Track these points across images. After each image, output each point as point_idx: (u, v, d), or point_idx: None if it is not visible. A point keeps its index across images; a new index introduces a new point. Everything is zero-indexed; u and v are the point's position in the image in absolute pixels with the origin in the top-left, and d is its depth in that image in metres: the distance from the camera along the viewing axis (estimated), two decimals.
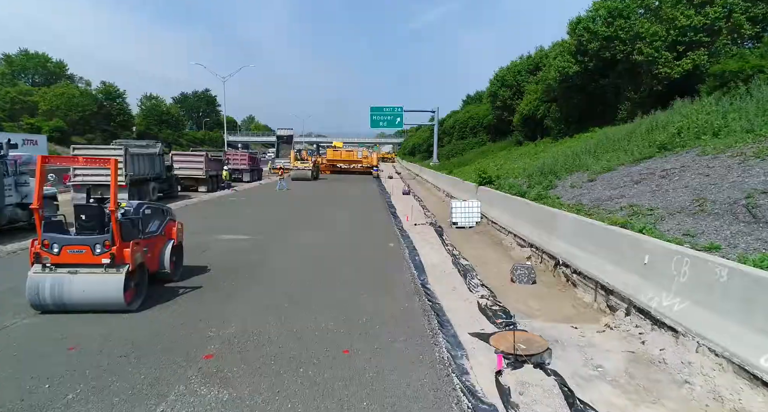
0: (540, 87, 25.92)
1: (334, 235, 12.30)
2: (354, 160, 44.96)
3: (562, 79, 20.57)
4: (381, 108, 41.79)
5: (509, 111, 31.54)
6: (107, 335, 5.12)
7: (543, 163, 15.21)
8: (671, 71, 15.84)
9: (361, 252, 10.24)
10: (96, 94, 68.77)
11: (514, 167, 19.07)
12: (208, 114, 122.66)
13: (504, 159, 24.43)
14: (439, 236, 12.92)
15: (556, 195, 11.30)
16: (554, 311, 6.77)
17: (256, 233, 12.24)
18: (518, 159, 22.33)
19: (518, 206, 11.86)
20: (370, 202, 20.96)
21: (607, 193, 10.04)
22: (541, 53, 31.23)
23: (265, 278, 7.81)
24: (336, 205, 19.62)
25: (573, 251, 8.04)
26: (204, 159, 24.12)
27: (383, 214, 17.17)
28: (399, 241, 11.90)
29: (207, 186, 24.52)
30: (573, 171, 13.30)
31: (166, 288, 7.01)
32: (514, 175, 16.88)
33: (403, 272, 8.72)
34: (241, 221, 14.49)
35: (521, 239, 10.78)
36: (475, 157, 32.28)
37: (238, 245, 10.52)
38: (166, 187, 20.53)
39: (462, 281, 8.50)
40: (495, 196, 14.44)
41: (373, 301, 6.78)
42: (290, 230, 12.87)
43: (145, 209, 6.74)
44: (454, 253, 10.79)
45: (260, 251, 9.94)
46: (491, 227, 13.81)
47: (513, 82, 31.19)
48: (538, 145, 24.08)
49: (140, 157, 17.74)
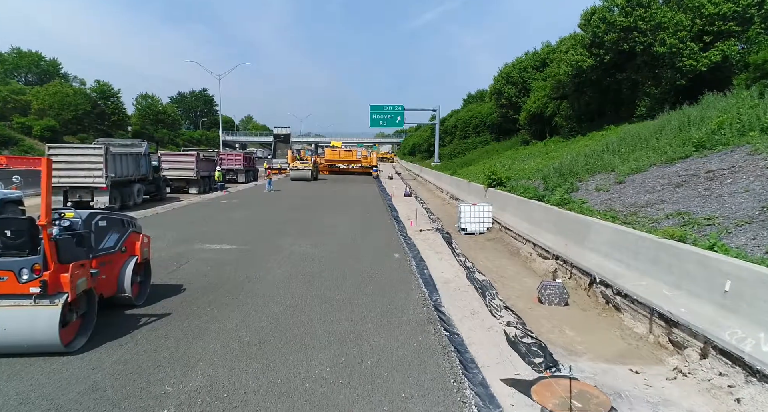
0: (548, 83, 24.71)
1: (332, 243, 11.05)
2: (353, 160, 43.70)
3: (575, 74, 19.35)
4: (381, 106, 40.54)
5: (515, 109, 30.33)
6: (24, 394, 3.85)
7: (560, 164, 13.98)
8: (697, 63, 14.63)
9: (363, 265, 8.99)
10: (90, 93, 67.31)
11: (525, 168, 17.85)
12: (206, 114, 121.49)
13: (511, 159, 23.20)
14: (448, 245, 11.68)
15: (580, 199, 10.07)
16: (600, 344, 5.52)
17: (246, 241, 10.98)
18: (527, 159, 21.11)
19: (537, 211, 10.63)
20: (370, 205, 19.71)
21: (643, 198, 8.80)
22: (547, 49, 30.04)
23: (249, 301, 6.54)
24: (334, 208, 18.37)
25: (613, 267, 6.80)
26: (195, 159, 22.85)
27: (385, 218, 15.92)
28: (404, 250, 10.66)
29: (198, 187, 23.25)
30: (595, 172, 12.08)
31: (125, 317, 5.75)
32: (527, 177, 15.65)
33: (412, 290, 7.47)
34: (230, 226, 13.23)
35: (543, 249, 9.54)
36: (479, 157, 31.06)
37: (223, 257, 9.26)
38: (153, 189, 19.25)
39: (480, 300, 7.27)
40: (508, 200, 13.20)
41: (379, 333, 5.53)
42: (284, 237, 11.62)
43: (98, 221, 5.48)
44: (467, 265, 9.55)
45: (248, 265, 8.68)
46: (505, 234, 12.57)
47: (519, 79, 29.98)
48: (548, 145, 22.85)
49: (123, 157, 16.47)
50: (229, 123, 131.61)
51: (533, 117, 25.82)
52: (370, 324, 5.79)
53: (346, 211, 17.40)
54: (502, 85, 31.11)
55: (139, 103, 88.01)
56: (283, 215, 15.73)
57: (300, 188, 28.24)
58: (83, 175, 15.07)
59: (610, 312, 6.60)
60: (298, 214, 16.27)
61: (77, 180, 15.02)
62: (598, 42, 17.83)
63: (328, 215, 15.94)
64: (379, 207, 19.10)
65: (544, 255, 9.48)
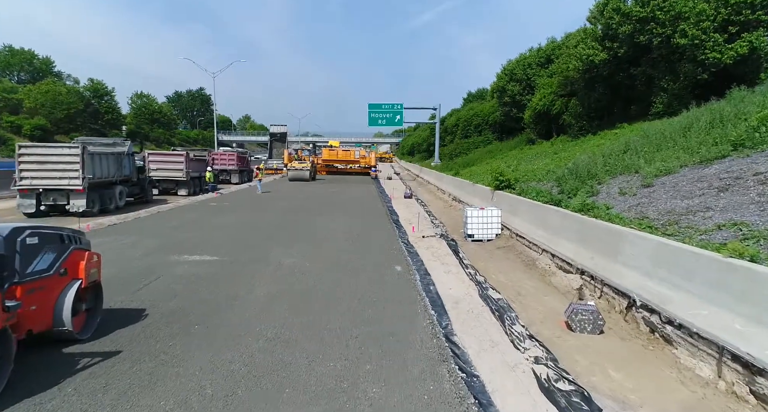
0: (555, 80, 23.62)
1: (326, 253, 9.93)
2: (351, 160, 42.55)
3: (585, 69, 18.25)
4: (380, 105, 39.41)
5: (518, 107, 29.25)
6: None
7: (574, 165, 12.88)
8: (722, 56, 13.54)
9: (361, 281, 7.86)
10: (83, 91, 65.98)
11: (533, 169, 16.76)
12: (203, 113, 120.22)
13: (516, 159, 22.09)
14: (455, 254, 10.56)
15: (604, 204, 8.96)
16: (658, 392, 4.41)
17: (230, 251, 9.84)
18: (534, 159, 20.01)
19: (555, 217, 9.52)
20: (369, 208, 18.59)
21: (680, 204, 7.70)
22: (553, 45, 28.97)
23: (221, 333, 5.41)
24: (331, 211, 17.24)
25: (658, 289, 5.70)
26: (184, 159, 21.69)
27: (384, 222, 14.79)
28: (406, 261, 9.54)
29: (188, 189, 22.10)
30: (616, 174, 10.98)
31: (59, 357, 4.62)
32: (537, 178, 14.55)
33: (418, 315, 6.36)
34: (216, 232, 12.09)
35: (564, 262, 8.43)
36: (481, 157, 29.97)
37: (200, 271, 8.12)
38: (137, 191, 18.09)
39: (498, 326, 6.16)
40: (518, 204, 12.10)
41: (379, 379, 4.41)
42: (273, 245, 10.49)
43: (26, 238, 4.34)
44: (479, 279, 8.44)
45: (227, 281, 7.55)
46: (516, 241, 11.46)
47: (523, 76, 28.89)
48: (555, 144, 21.76)
49: (103, 157, 15.30)
50: (226, 123, 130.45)
51: (539, 115, 24.72)
52: (368, 365, 4.66)
53: (342, 214, 16.27)
54: (505, 83, 30.01)
55: (134, 102, 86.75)
56: (276, 220, 14.59)
57: (295, 190, 27.10)
58: (58, 176, 13.90)
59: (657, 344, 5.49)
60: (292, 218, 15.13)
61: (51, 182, 13.85)
62: (611, 34, 16.75)
63: (323, 220, 14.82)
64: (378, 210, 17.98)
65: (565, 268, 8.37)
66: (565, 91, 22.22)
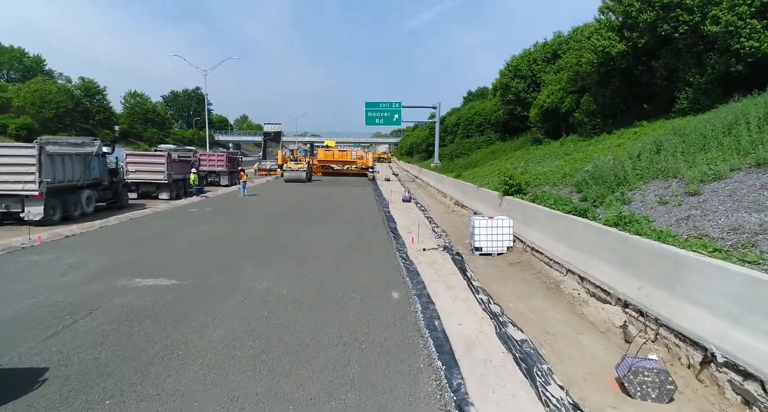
0: (564, 75, 22.07)
1: (310, 274, 8.35)
2: (347, 160, 40.97)
3: (601, 62, 16.70)
4: (377, 103, 37.72)
5: (523, 105, 27.70)
6: None
7: (595, 168, 11.32)
8: (761, 45, 12.01)
9: (348, 317, 6.29)
10: (73, 90, 64.21)
11: (544, 171, 15.20)
12: (199, 113, 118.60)
13: (524, 161, 20.54)
14: (462, 272, 9.00)
15: (644, 217, 7.40)
16: None
17: (195, 271, 8.26)
18: (543, 161, 18.46)
19: (583, 232, 7.96)
20: (364, 214, 17.02)
21: (750, 219, 6.14)
22: (559, 39, 27.42)
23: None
24: (322, 218, 15.67)
25: (753, 342, 4.15)
26: (165, 161, 20.09)
27: (381, 232, 13.22)
28: (405, 284, 7.97)
29: (170, 192, 20.50)
30: (649, 178, 9.42)
31: None
32: (551, 182, 13.00)
33: (421, 371, 4.78)
34: (184, 246, 10.51)
35: (599, 288, 6.88)
36: (484, 157, 28.41)
37: (149, 302, 6.53)
38: (109, 196, 16.48)
39: (528, 387, 4.60)
40: (533, 213, 10.56)
41: None
42: (248, 263, 8.92)
43: None
44: (493, 309, 6.88)
45: (178, 317, 5.96)
46: (533, 257, 9.90)
47: (528, 73, 27.34)
48: (565, 144, 20.21)
49: (67, 159, 13.69)
50: (223, 123, 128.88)
51: (546, 113, 23.17)
52: None
53: (335, 223, 14.69)
54: (509, 80, 28.44)
55: (128, 101, 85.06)
56: (258, 230, 13.00)
57: (285, 193, 25.52)
58: (11, 180, 12.32)
59: None
60: (277, 227, 13.55)
61: (3, 186, 12.26)
62: (630, 23, 15.21)
63: (312, 229, 13.24)
64: (375, 216, 16.41)
65: (600, 297, 6.81)
66: (575, 88, 20.67)
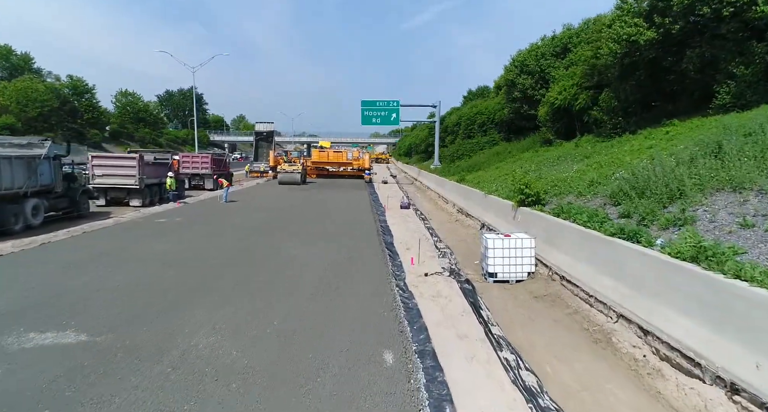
0: (578, 70, 20.10)
1: (277, 323, 6.34)
2: (343, 162, 38.92)
3: (625, 53, 14.72)
4: (374, 102, 35.68)
5: (531, 103, 25.72)
6: None
7: (632, 175, 9.32)
8: None
9: (320, 398, 4.28)
10: (60, 88, 62.00)
11: (563, 178, 13.21)
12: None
13: (534, 163, 18.55)
14: (475, 311, 7.00)
15: (730, 248, 5.41)
16: None
17: (122, 317, 6.24)
18: (558, 164, 16.48)
19: (639, 264, 5.98)
20: (357, 224, 15.02)
21: None
22: (569, 32, 25.46)
23: None
24: (308, 229, 13.66)
25: None
26: (137, 163, 18.04)
27: (375, 249, 11.22)
28: (403, 336, 5.97)
29: (142, 199, 18.44)
30: (710, 190, 7.43)
31: None
32: (576, 191, 11.01)
33: None
34: (129, 273, 8.48)
35: (677, 352, 4.88)
36: (488, 159, 26.40)
37: (26, 379, 4.50)
38: (64, 205, 14.40)
39: None
40: (561, 231, 8.59)
41: None
42: (199, 301, 6.91)
43: None
44: (528, 382, 4.87)
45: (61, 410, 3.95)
46: (563, 288, 7.91)
47: (536, 68, 25.33)
48: (581, 145, 18.23)
49: (3, 163, 11.65)
50: (219, 123, 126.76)
51: (557, 111, 21.19)
52: None
53: (321, 236, 12.68)
54: (515, 76, 26.43)
55: (119, 100, 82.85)
56: (228, 247, 10.98)
57: (272, 198, 23.47)
58: None
59: None
60: (253, 243, 11.53)
61: None
62: (662, 7, 13.24)
63: (295, 245, 11.23)
64: (369, 227, 14.40)
65: (685, 368, 4.79)
66: (591, 83, 18.69)
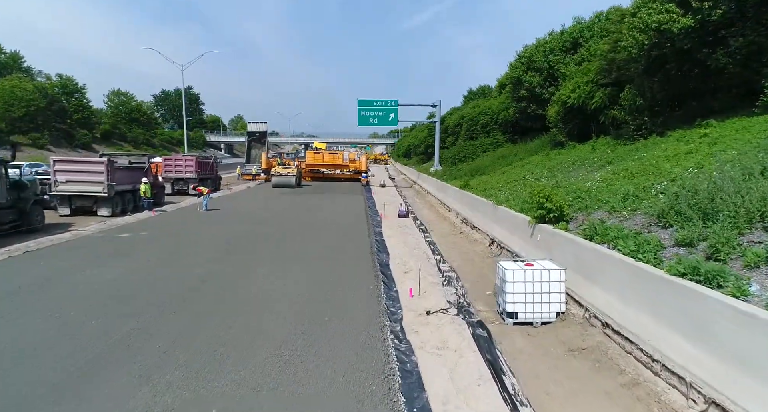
0: (594, 65, 18.29)
1: (227, 394, 4.51)
2: (339, 164, 37.09)
3: (654, 44, 12.90)
4: (371, 102, 33.84)
5: (538, 102, 23.91)
6: None
7: (686, 190, 7.50)
8: None
9: None
10: (49, 88, 59.98)
11: (586, 188, 11.38)
12: (191, 112, 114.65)
13: (546, 169, 16.74)
14: (495, 376, 5.18)
15: None
16: None
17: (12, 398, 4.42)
18: (575, 170, 14.67)
19: (735, 326, 4.15)
20: (349, 239, 13.19)
21: None
22: (580, 26, 23.65)
23: None
24: (291, 246, 11.83)
25: None
26: (105, 168, 16.21)
27: (366, 275, 9.38)
28: None
29: (111, 208, 16.62)
30: None
31: None
32: (608, 206, 9.17)
33: None
34: (35, 323, 6.66)
35: None
36: (493, 163, 24.56)
37: None
38: (10, 218, 12.55)
39: None
40: (599, 261, 6.78)
41: None
42: (105, 378, 5.08)
43: None
44: None
45: None
46: (607, 339, 6.08)
47: (544, 65, 23.53)
48: (598, 149, 16.40)
49: None
50: (216, 123, 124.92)
51: (569, 111, 19.37)
52: None
53: (304, 256, 10.84)
54: (521, 73, 24.60)
55: (111, 100, 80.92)
56: (189, 274, 9.12)
57: (261, 204, 21.62)
58: None
59: None
60: (221, 267, 9.69)
61: None
62: None
63: (267, 271, 9.39)
64: (361, 243, 12.57)
65: None
66: (608, 79, 16.89)
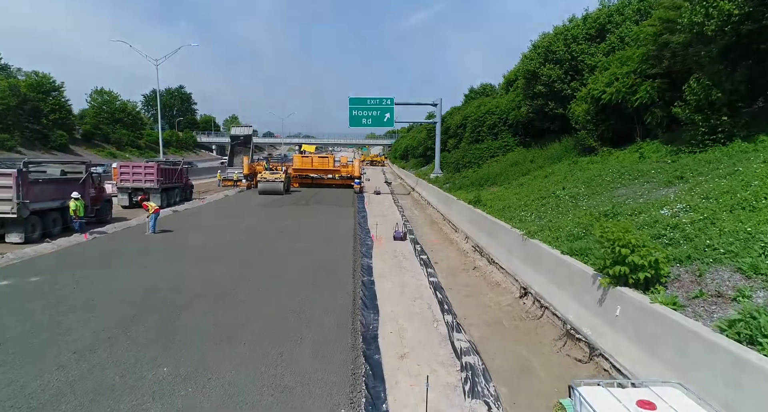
0: (638, 52, 14.72)
1: None
2: (329, 169, 33.43)
3: (739, 19, 9.36)
4: (364, 100, 30.13)
5: (559, 99, 20.31)
6: None
7: None
8: None
9: None
10: (22, 85, 55.99)
11: (671, 222, 7.80)
12: (183, 113, 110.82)
13: (582, 183, 13.14)
14: None
15: None
16: None
17: None
18: (624, 186, 11.10)
19: None
20: (323, 288, 9.56)
21: None
22: (608, 10, 20.07)
23: None
24: (245, 295, 8.18)
25: None
26: (14, 182, 12.54)
27: (341, 373, 5.75)
28: None
29: (23, 232, 12.96)
30: None
31: None
32: (737, 261, 5.58)
33: None
34: None
35: None
36: (505, 171, 20.89)
37: None
38: None
39: None
40: None
41: None
42: None
43: None
44: None
45: None
46: None
47: (565, 55, 19.93)
48: (648, 157, 12.82)
49: None
50: (209, 123, 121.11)
51: (603, 109, 15.81)
52: None
53: (250, 330, 7.19)
54: (537, 66, 20.97)
55: (94, 99, 76.86)
56: (57, 376, 5.47)
57: (230, 219, 17.85)
58: None
59: None
60: (115, 350, 6.03)
61: None
62: None
63: (170, 371, 5.75)
64: (341, 293, 8.91)
65: None
66: (659, 68, 13.35)
